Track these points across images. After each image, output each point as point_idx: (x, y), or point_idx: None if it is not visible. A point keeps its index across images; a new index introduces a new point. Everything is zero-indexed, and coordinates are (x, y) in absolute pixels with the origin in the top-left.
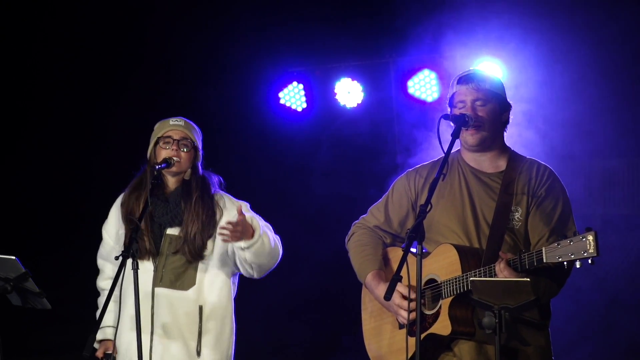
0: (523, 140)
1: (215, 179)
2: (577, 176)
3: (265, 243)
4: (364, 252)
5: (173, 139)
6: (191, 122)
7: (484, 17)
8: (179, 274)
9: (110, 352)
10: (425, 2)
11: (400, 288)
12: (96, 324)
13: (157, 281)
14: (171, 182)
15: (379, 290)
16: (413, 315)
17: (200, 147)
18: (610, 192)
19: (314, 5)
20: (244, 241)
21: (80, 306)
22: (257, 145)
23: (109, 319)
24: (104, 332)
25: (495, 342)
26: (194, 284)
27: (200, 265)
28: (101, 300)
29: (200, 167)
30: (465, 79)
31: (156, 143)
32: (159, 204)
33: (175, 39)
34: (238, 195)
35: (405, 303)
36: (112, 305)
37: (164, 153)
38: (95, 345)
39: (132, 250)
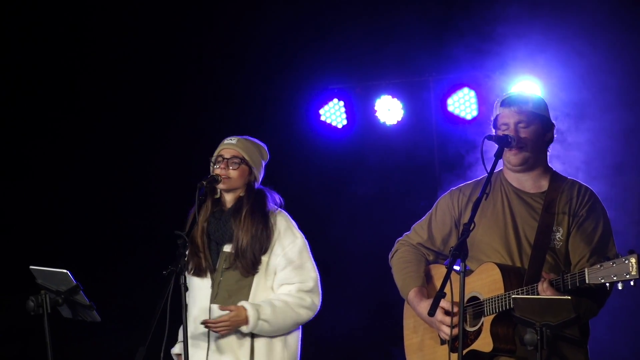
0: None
1: (274, 197)
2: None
3: (265, 328)
4: (406, 268)
5: (224, 157)
6: (252, 140)
7: (523, 36)
8: (233, 290)
9: None
10: (464, 22)
11: (444, 304)
12: (146, 338)
13: (213, 298)
14: (228, 200)
15: (421, 306)
16: (455, 331)
17: (259, 163)
18: None
19: (356, 23)
20: (244, 327)
21: (130, 319)
22: (297, 162)
23: (181, 334)
24: (177, 347)
25: (536, 358)
26: (247, 300)
27: (255, 281)
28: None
29: (255, 184)
30: (508, 102)
31: (213, 163)
32: (214, 222)
33: (217, 54)
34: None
35: (447, 319)
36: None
37: (215, 171)
38: (175, 358)
39: (180, 266)
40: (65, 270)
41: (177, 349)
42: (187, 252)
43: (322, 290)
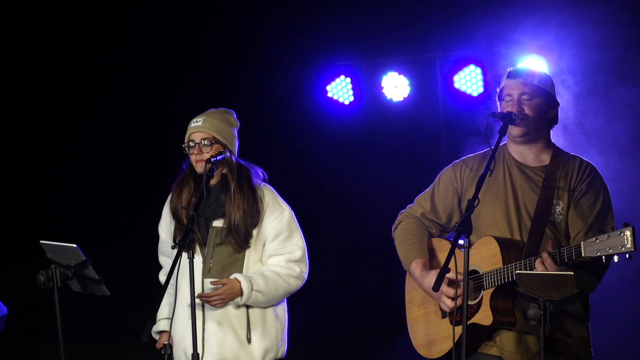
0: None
1: (257, 171)
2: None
3: (258, 298)
4: (409, 240)
5: (195, 142)
6: (217, 112)
7: (530, 13)
8: (226, 264)
9: (167, 342)
10: None
11: (448, 275)
12: (154, 312)
13: (206, 272)
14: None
15: (424, 279)
16: (458, 302)
17: (231, 135)
18: None
19: None
20: (238, 298)
21: (139, 293)
22: (304, 137)
23: (164, 311)
24: (161, 324)
25: (539, 333)
26: (241, 273)
27: (247, 255)
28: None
29: (234, 158)
30: (514, 74)
31: (186, 148)
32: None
33: (224, 33)
34: (283, 188)
35: (450, 291)
36: (167, 298)
37: (193, 159)
38: (155, 336)
39: (187, 240)
40: (74, 245)
41: (161, 325)
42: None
43: (311, 265)
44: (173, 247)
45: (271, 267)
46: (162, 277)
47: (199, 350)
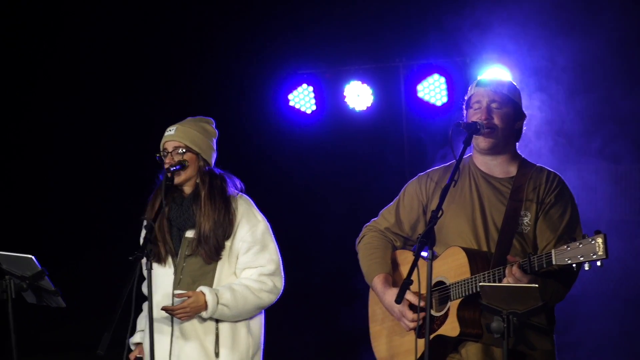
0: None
1: (234, 181)
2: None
3: (225, 312)
4: (373, 254)
5: (167, 151)
6: (193, 121)
7: (495, 23)
8: (197, 276)
9: (141, 356)
10: (435, 8)
11: (409, 296)
12: (110, 323)
13: (176, 284)
14: (186, 188)
15: (386, 294)
16: (419, 317)
17: (206, 145)
18: (616, 195)
19: (325, 7)
20: (203, 312)
21: (96, 305)
22: (265, 147)
23: (142, 323)
24: (137, 336)
25: (503, 346)
26: (211, 286)
27: (219, 267)
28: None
29: (208, 168)
30: (484, 82)
31: (161, 157)
32: (175, 208)
33: (185, 41)
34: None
35: (409, 313)
36: (146, 310)
37: (165, 165)
38: (132, 347)
39: (146, 251)
40: (30, 256)
41: (137, 337)
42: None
43: (285, 275)
44: (129, 259)
45: (242, 281)
46: (144, 289)
47: None
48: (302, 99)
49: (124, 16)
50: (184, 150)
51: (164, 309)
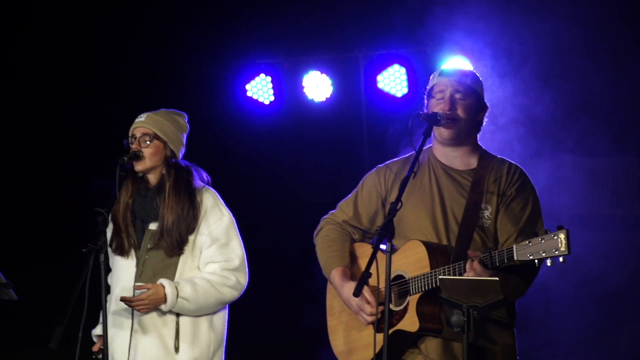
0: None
1: (201, 174)
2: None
3: (185, 306)
4: (330, 247)
5: (135, 137)
6: (166, 113)
7: (457, 14)
8: (159, 270)
9: (103, 347)
10: None
11: (366, 292)
12: (64, 316)
13: (138, 277)
14: (150, 178)
15: (345, 287)
16: (377, 311)
17: (175, 136)
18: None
19: None
20: (162, 305)
21: (50, 299)
22: (222, 138)
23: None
24: (99, 328)
25: (463, 340)
26: (173, 280)
27: (181, 261)
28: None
29: (173, 159)
30: (447, 72)
31: (128, 144)
32: (139, 199)
33: (141, 31)
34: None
35: (367, 307)
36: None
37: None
38: (95, 339)
39: (99, 243)
40: None
41: (98, 330)
42: (107, 230)
43: (249, 270)
44: (83, 251)
45: (204, 275)
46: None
47: (125, 358)
48: (260, 89)
49: (81, 9)
50: (152, 138)
51: (123, 299)
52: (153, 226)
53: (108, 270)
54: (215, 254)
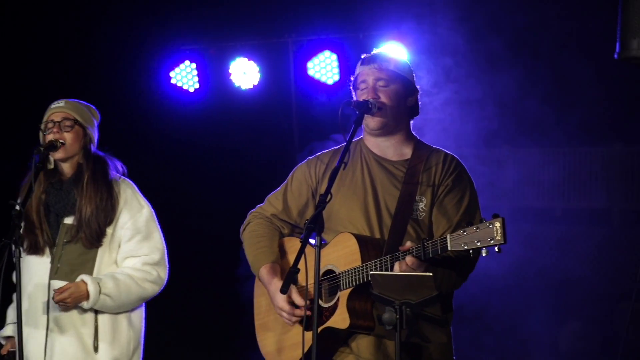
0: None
1: (116, 164)
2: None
3: (107, 303)
4: (259, 243)
5: (54, 121)
6: (80, 102)
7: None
8: (76, 265)
9: (14, 349)
10: None
11: (293, 290)
12: None
13: (53, 273)
14: (66, 168)
15: (272, 285)
16: (306, 308)
17: (92, 124)
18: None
19: None
20: (84, 302)
21: None
22: (145, 127)
23: (12, 315)
24: (8, 329)
25: (395, 338)
26: (91, 275)
27: (99, 255)
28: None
29: (93, 148)
30: (368, 60)
31: (43, 131)
32: (53, 192)
33: (59, 14)
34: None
35: (286, 306)
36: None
37: (48, 138)
38: (2, 341)
39: (14, 238)
40: None
41: (8, 330)
42: (22, 224)
43: (169, 264)
44: None
45: (125, 270)
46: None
47: (42, 359)
48: (185, 76)
49: None
50: (73, 123)
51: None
52: (69, 220)
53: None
54: (136, 247)
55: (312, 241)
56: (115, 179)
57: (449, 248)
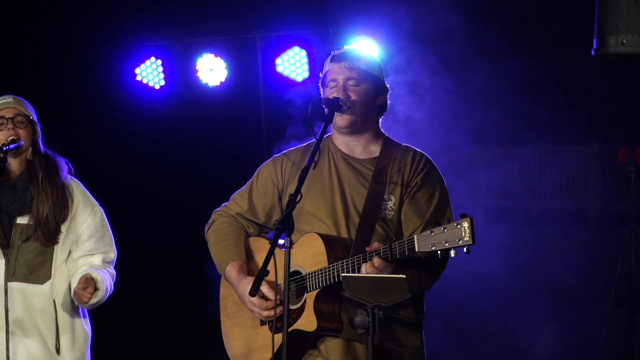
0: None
1: (62, 162)
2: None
3: (93, 302)
4: (224, 241)
5: (6, 117)
6: (20, 98)
7: None
8: (34, 266)
9: None
10: None
11: (264, 288)
12: None
13: (10, 275)
14: (15, 165)
15: (241, 284)
16: (275, 311)
17: (37, 121)
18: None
19: None
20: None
21: None
22: (110, 125)
23: None
24: None
25: (367, 342)
26: (49, 277)
27: (56, 255)
28: None
29: (41, 144)
30: (338, 57)
31: None
32: (6, 192)
33: (22, 10)
34: (88, 178)
35: (259, 302)
36: None
37: (1, 135)
38: None
39: None
40: None
41: None
42: None
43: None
44: None
45: (96, 268)
46: None
47: None
48: (150, 73)
49: None
50: (25, 120)
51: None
52: (22, 220)
53: None
54: (95, 246)
55: (281, 242)
56: (65, 178)
57: (417, 249)
